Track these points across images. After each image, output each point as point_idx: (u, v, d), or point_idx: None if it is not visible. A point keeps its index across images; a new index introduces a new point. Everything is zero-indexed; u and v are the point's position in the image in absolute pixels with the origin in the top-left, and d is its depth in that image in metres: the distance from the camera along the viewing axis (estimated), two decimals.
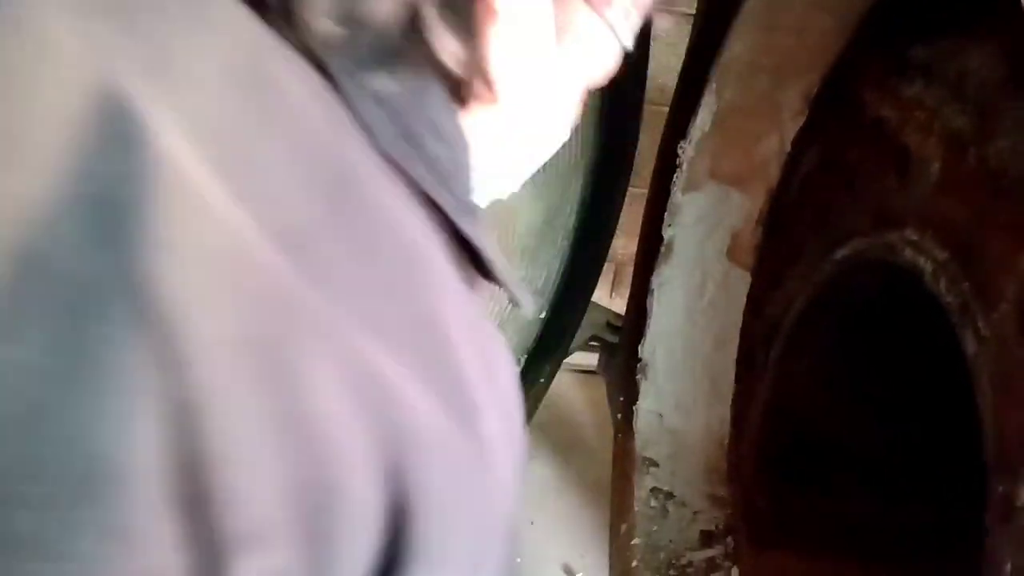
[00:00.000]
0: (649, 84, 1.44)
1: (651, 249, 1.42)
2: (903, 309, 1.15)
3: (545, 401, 2.29)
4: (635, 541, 1.42)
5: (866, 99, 1.15)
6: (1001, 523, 0.81)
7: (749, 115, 1.27)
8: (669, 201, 1.36)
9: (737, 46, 1.20)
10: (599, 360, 1.72)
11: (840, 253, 1.14)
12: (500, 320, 1.31)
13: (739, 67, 1.22)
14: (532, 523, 2.08)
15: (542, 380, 1.51)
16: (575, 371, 2.34)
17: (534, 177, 1.24)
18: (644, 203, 1.46)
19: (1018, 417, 0.82)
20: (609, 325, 1.61)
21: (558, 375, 2.30)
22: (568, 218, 1.34)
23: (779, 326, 1.34)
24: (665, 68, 1.56)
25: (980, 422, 0.87)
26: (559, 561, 2.02)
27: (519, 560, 2.02)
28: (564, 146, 1.27)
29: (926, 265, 0.96)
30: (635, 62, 1.26)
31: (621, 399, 1.50)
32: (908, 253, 1.00)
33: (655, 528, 1.44)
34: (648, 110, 1.48)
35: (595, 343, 1.67)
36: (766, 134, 1.29)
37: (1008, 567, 0.79)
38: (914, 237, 0.99)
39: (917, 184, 1.01)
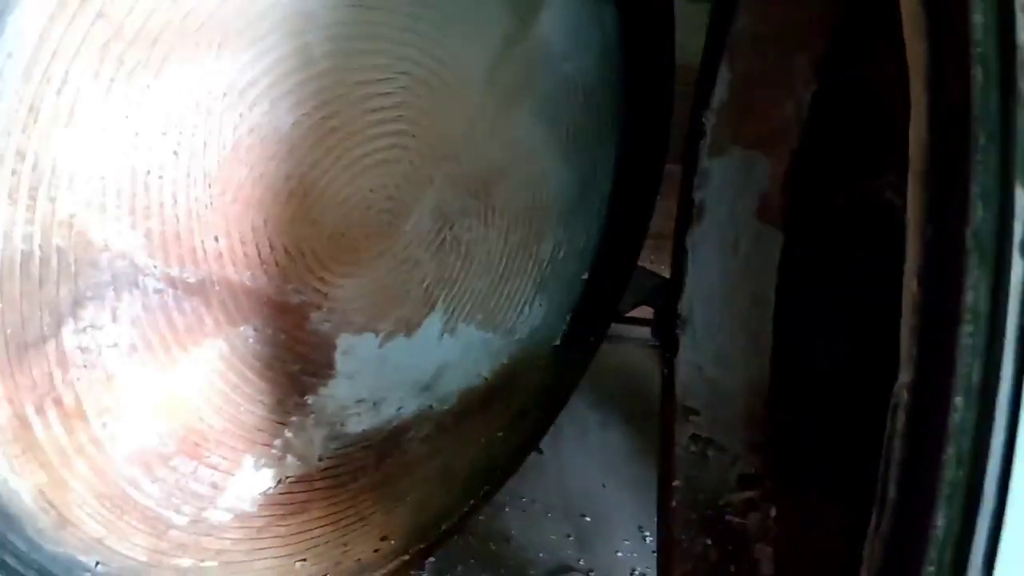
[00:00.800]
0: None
1: (686, 212, 1.54)
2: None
3: (618, 372, 2.41)
4: (676, 483, 1.53)
5: (861, 67, 1.25)
6: None
7: (762, 84, 1.37)
8: (698, 166, 1.48)
9: (743, 20, 1.31)
10: (652, 326, 1.83)
11: (839, 202, 1.24)
12: (541, 278, 1.44)
13: (747, 40, 1.33)
14: (604, 486, 2.21)
15: (591, 339, 1.63)
16: (648, 346, 2.45)
17: (562, 145, 1.37)
18: None
19: None
20: (657, 289, 1.71)
21: (631, 349, 2.42)
22: (602, 184, 1.45)
23: (804, 279, 1.44)
24: None
25: None
26: (629, 522, 2.14)
27: (589, 519, 2.16)
28: (590, 117, 1.41)
29: (899, 202, 1.06)
30: (660, 31, 1.38)
31: (666, 355, 1.62)
32: (888, 194, 1.10)
33: (695, 472, 1.54)
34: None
35: (647, 305, 1.78)
36: (781, 101, 1.39)
37: None
38: (892, 179, 1.09)
39: (895, 133, 1.10)
